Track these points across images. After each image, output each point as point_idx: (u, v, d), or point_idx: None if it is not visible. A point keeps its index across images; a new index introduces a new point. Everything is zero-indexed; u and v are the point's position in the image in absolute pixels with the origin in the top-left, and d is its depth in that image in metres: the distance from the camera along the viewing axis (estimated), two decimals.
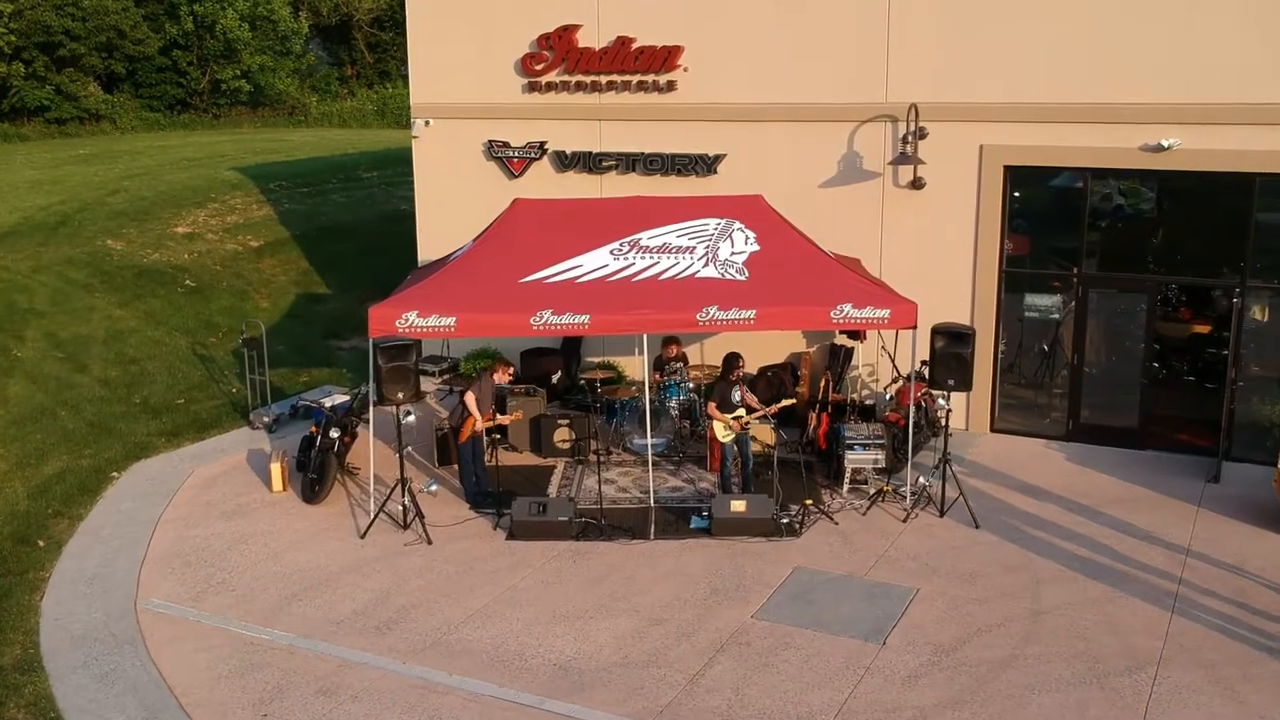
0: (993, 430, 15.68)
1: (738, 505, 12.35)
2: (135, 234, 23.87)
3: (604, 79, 16.91)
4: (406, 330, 12.56)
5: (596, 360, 17.57)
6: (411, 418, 12.51)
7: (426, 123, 18.30)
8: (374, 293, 19.84)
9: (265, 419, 16.10)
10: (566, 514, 12.36)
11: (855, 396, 15.63)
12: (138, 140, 38.37)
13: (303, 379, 18.71)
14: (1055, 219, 15.47)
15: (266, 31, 43.15)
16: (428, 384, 18.27)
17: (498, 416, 13.81)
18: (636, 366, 16.26)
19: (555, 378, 17.32)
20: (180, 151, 34.29)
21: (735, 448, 13.21)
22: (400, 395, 12.27)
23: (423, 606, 11.03)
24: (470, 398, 13.35)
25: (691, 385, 15.41)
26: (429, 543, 12.35)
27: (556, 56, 17.08)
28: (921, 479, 13.01)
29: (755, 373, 16.19)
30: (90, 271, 21.51)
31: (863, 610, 10.80)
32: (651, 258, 13.54)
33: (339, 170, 31.22)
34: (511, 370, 14.00)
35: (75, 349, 18.45)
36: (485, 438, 13.57)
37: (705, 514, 12.68)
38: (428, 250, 18.33)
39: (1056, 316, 15.35)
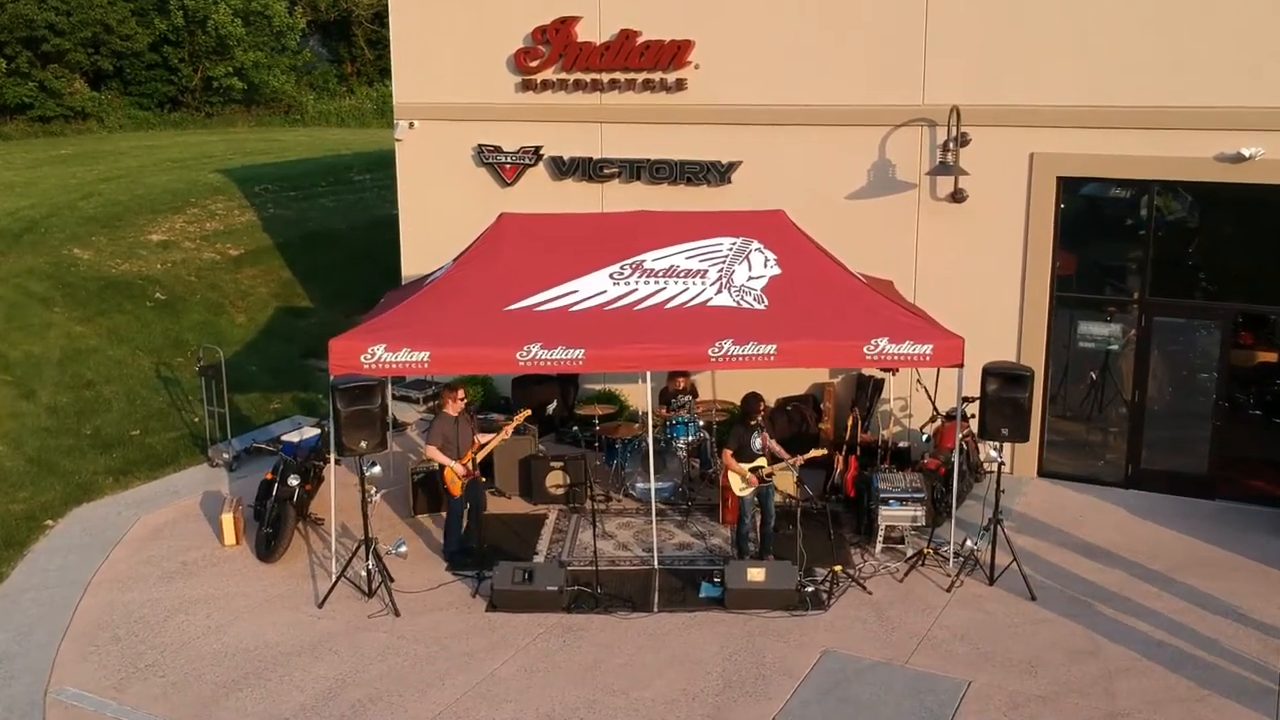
0: (1040, 474, 13.93)
1: (755, 574, 10.62)
2: (105, 242, 22.22)
3: (606, 77, 15.20)
4: (373, 367, 10.86)
5: (596, 389, 15.88)
6: (377, 469, 10.80)
7: (411, 124, 16.61)
8: (360, 306, 18.16)
9: (225, 456, 14.41)
10: (556, 582, 10.64)
11: (886, 434, 13.89)
12: (125, 140, 36.73)
13: (274, 405, 17.05)
14: (1107, 234, 13.72)
15: (261, 27, 41.45)
16: (410, 413, 16.68)
17: (481, 444, 12.00)
18: (641, 395, 14.51)
19: (551, 408, 15.64)
20: (166, 152, 32.66)
21: (755, 502, 11.48)
22: (363, 445, 10.55)
23: (383, 701, 9.31)
24: (434, 451, 11.62)
25: (702, 422, 13.69)
26: (396, 614, 10.64)
27: (553, 52, 15.37)
28: (969, 542, 11.26)
29: (773, 405, 14.51)
30: (52, 283, 19.86)
31: (906, 711, 9.06)
32: (657, 282, 11.82)
33: (330, 172, 29.57)
34: (461, 396, 12.03)
35: (25, 371, 16.80)
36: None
37: (717, 580, 10.95)
38: (412, 266, 16.67)
39: (1115, 347, 13.58)
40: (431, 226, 16.38)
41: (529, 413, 12.73)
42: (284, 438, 14.29)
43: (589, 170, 15.53)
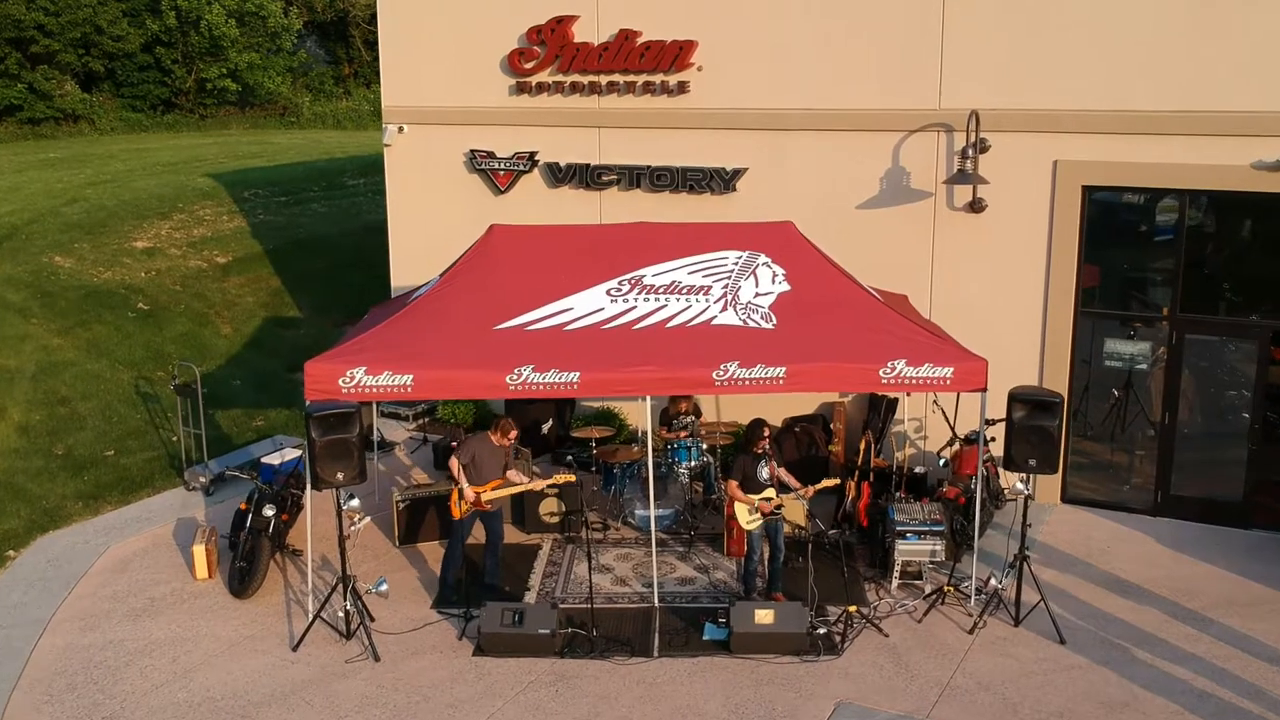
0: (1063, 500, 13.16)
1: (763, 616, 9.84)
2: (88, 249, 21.48)
3: (604, 79, 14.44)
4: (351, 391, 10.10)
5: (595, 406, 15.13)
6: (355, 502, 10.03)
7: (400, 129, 15.86)
8: (351, 317, 17.41)
9: (201, 479, 13.65)
10: (549, 625, 9.87)
11: (900, 457, 13.11)
12: (116, 143, 35.97)
13: (256, 423, 16.31)
14: (1135, 247, 12.96)
15: (255, 28, 40.67)
16: (399, 432, 15.93)
17: (507, 481, 11.09)
18: (642, 414, 13.73)
19: (546, 427, 14.91)
20: (157, 155, 31.91)
21: (764, 536, 10.71)
22: (339, 476, 9.78)
23: None
24: (454, 465, 10.88)
25: (705, 445, 12.92)
26: (376, 659, 9.88)
27: (549, 52, 14.61)
28: (993, 580, 10.48)
29: (780, 425, 13.76)
30: (30, 293, 19.10)
31: None
32: (657, 299, 11.05)
33: (323, 176, 28.85)
34: (513, 435, 11.22)
35: None
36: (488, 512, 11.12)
37: (722, 621, 10.19)
38: (401, 277, 15.95)
39: (1144, 366, 12.81)
40: (421, 236, 15.66)
41: (573, 479, 11.44)
42: (263, 460, 13.53)
43: (586, 177, 14.77)
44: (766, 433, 10.66)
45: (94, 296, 19.43)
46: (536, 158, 15.06)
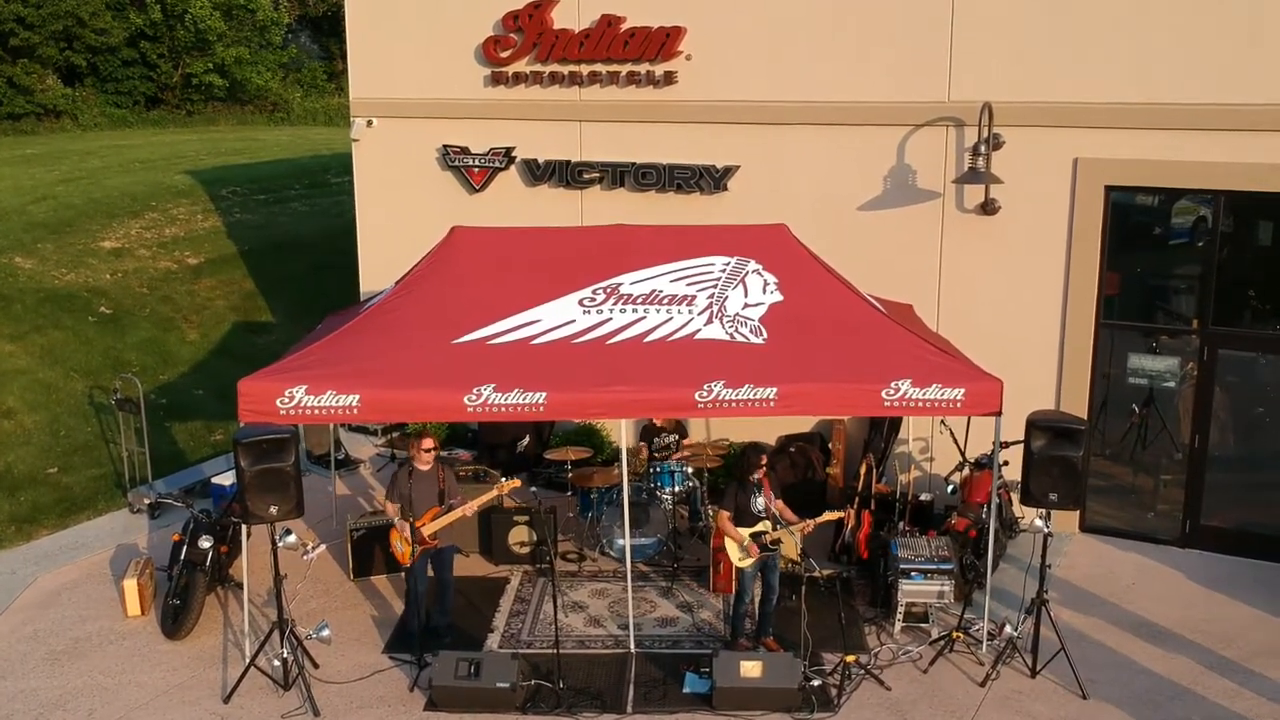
0: (1082, 529, 12.08)
1: (750, 668, 8.76)
2: (51, 250, 20.43)
3: (585, 69, 13.38)
4: (290, 413, 9.04)
5: (576, 421, 14.04)
6: (291, 538, 8.95)
7: (369, 122, 14.82)
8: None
9: (146, 500, 12.60)
10: (508, 678, 8.78)
11: (905, 480, 12.02)
12: (97, 139, 34.97)
13: (216, 437, 15.28)
14: (1163, 253, 11.90)
15: (243, 21, 39.61)
16: (365, 448, 14.88)
17: (446, 507, 9.88)
18: (625, 431, 12.64)
19: (523, 444, 13.84)
20: (136, 152, 30.86)
21: (757, 575, 9.62)
22: (273, 510, 8.71)
23: None
24: (389, 507, 9.82)
25: (690, 469, 11.84)
26: (315, 714, 8.81)
27: (527, 40, 13.55)
28: (1008, 627, 9.38)
29: (773, 444, 12.71)
30: None
31: None
32: (635, 310, 9.97)
33: (306, 174, 27.80)
34: (427, 446, 9.93)
35: None
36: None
37: (705, 671, 9.11)
38: (370, 281, 14.92)
39: (1171, 383, 11.73)
40: (392, 237, 14.59)
41: (518, 483, 10.53)
42: (214, 479, 12.58)
43: (566, 175, 13.71)
44: (763, 460, 9.56)
45: (54, 300, 18.40)
46: (514, 154, 14.01)
